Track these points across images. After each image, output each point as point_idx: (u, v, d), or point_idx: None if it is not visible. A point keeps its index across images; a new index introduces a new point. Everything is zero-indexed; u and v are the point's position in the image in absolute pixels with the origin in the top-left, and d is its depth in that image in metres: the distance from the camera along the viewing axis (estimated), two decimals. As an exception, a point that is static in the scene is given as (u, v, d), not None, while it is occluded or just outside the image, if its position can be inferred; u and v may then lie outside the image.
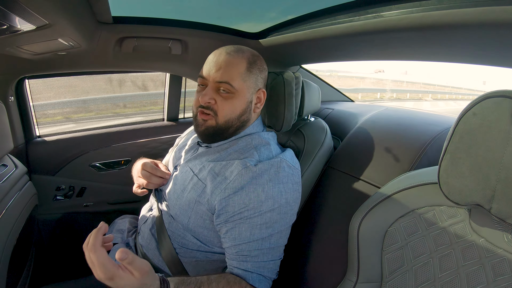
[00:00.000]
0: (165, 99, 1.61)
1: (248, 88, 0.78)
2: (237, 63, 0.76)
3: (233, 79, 0.75)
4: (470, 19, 0.54)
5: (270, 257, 0.72)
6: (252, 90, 0.79)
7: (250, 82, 0.78)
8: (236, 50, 0.78)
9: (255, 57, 0.81)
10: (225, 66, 0.75)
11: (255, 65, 0.79)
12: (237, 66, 0.76)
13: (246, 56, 0.78)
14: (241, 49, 0.79)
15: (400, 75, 31.14)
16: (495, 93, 0.46)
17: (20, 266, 0.98)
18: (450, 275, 0.53)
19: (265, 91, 0.83)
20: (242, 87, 0.77)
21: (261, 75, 0.81)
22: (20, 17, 0.55)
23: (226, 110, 0.77)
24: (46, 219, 1.31)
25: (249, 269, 0.70)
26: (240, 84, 0.76)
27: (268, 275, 0.73)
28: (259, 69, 0.81)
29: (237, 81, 0.76)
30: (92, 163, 1.39)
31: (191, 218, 0.75)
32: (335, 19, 0.86)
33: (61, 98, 3.08)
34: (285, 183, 0.73)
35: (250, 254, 0.70)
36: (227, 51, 0.78)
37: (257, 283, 0.70)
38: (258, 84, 0.81)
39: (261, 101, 0.83)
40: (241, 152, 0.77)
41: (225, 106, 0.76)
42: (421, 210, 0.61)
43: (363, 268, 0.64)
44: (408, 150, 0.84)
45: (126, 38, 1.10)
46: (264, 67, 0.83)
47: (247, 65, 0.77)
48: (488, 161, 0.46)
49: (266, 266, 0.72)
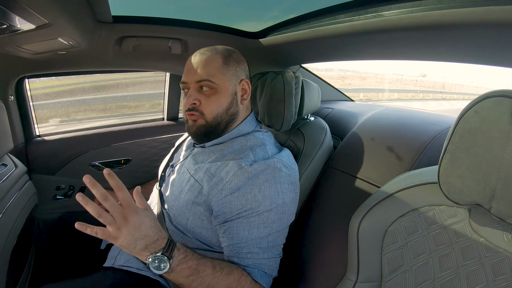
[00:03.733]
0: (165, 98, 1.61)
1: (229, 80, 0.79)
2: (212, 60, 0.78)
3: (212, 75, 0.77)
4: (470, 19, 0.54)
5: (270, 255, 0.72)
6: (234, 81, 0.80)
7: (229, 74, 0.79)
8: (209, 49, 0.80)
9: (230, 51, 0.82)
10: (201, 65, 0.77)
11: (230, 58, 0.80)
12: (213, 62, 0.78)
13: (220, 51, 0.80)
14: (214, 48, 0.81)
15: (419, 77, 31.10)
16: (495, 92, 0.46)
17: (20, 265, 0.98)
18: (449, 274, 0.53)
19: (248, 81, 0.84)
20: (222, 81, 0.78)
21: (239, 66, 0.82)
22: (20, 16, 0.55)
23: (212, 107, 0.78)
24: (46, 218, 1.31)
25: (250, 265, 0.70)
26: (220, 78, 0.77)
27: (269, 272, 0.73)
28: (236, 60, 0.81)
29: (216, 76, 0.77)
30: (92, 162, 1.38)
31: (189, 219, 0.76)
32: (335, 19, 0.86)
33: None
34: (282, 184, 0.72)
35: (250, 251, 0.70)
36: (200, 52, 0.80)
37: (258, 278, 0.70)
38: (239, 75, 0.82)
39: (247, 92, 0.84)
40: (236, 153, 0.77)
41: (210, 103, 0.77)
42: (421, 209, 0.61)
43: (362, 267, 0.64)
44: (408, 150, 0.84)
45: (126, 38, 1.10)
46: (241, 58, 0.84)
47: (222, 59, 0.79)
48: (488, 161, 0.46)
49: (267, 263, 0.72)
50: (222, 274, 0.66)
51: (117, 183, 0.58)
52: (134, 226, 0.57)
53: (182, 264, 0.62)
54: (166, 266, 0.59)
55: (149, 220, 0.60)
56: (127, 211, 0.58)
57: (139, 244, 0.58)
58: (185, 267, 0.62)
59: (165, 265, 0.59)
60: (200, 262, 0.65)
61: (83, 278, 0.80)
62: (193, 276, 0.63)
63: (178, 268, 0.61)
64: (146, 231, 0.59)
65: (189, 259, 0.63)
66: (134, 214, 0.58)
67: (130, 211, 0.58)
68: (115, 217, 0.57)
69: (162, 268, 0.59)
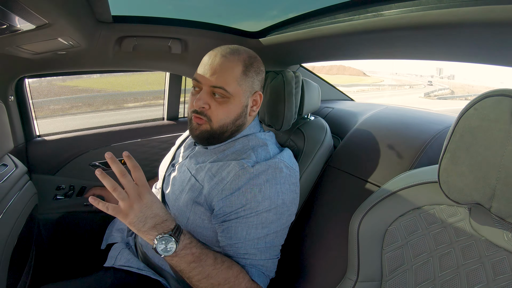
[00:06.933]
0: (165, 98, 1.61)
1: (244, 92, 0.76)
2: (232, 67, 0.73)
3: (228, 84, 0.72)
4: (470, 18, 0.54)
5: (268, 256, 0.72)
6: (248, 93, 0.77)
7: (246, 86, 0.75)
8: (231, 52, 0.75)
9: (252, 59, 0.77)
10: (220, 70, 0.72)
11: (251, 67, 0.76)
12: (232, 70, 0.73)
13: (243, 58, 0.75)
14: (237, 51, 0.76)
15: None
16: (495, 92, 0.46)
17: (20, 265, 0.98)
18: (450, 274, 0.53)
19: (261, 93, 0.81)
20: (237, 91, 0.74)
21: (257, 77, 0.78)
22: (20, 16, 0.55)
23: (221, 115, 0.74)
24: (46, 218, 1.31)
25: (248, 264, 0.70)
26: (236, 89, 0.74)
27: (267, 272, 0.73)
28: (256, 71, 0.77)
29: (232, 86, 0.73)
30: (92, 162, 1.39)
31: (190, 219, 0.76)
32: (335, 18, 0.86)
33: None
34: (282, 184, 0.72)
35: (247, 252, 0.70)
36: (222, 53, 0.74)
37: (256, 277, 0.70)
38: (255, 87, 0.78)
39: (257, 104, 0.81)
40: (238, 153, 0.77)
41: (219, 111, 0.74)
42: (421, 209, 0.61)
43: (363, 267, 0.65)
44: (408, 149, 0.84)
45: (126, 37, 1.10)
46: (262, 69, 0.80)
47: (243, 68, 0.74)
48: (488, 160, 0.46)
49: (265, 264, 0.72)
50: (223, 267, 0.66)
51: (134, 163, 0.62)
52: (146, 204, 0.60)
53: (186, 249, 0.63)
54: (172, 248, 0.61)
55: (159, 202, 0.64)
56: (142, 189, 0.61)
57: (149, 222, 0.60)
58: (188, 253, 0.64)
59: (172, 247, 0.61)
60: (203, 251, 0.66)
61: (84, 278, 0.80)
62: (195, 264, 0.64)
63: (182, 253, 0.63)
64: (157, 210, 0.62)
65: (194, 246, 0.65)
66: (148, 193, 0.62)
67: (145, 190, 0.61)
68: (130, 194, 0.59)
69: (168, 249, 0.61)
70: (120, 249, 0.89)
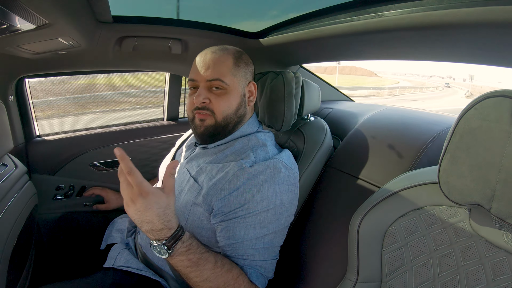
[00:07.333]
0: (165, 98, 1.61)
1: (239, 82, 0.79)
2: (224, 60, 0.78)
3: (224, 75, 0.76)
4: (471, 19, 0.54)
5: (266, 257, 0.72)
6: (243, 83, 0.81)
7: (239, 76, 0.80)
8: (220, 48, 0.80)
9: (240, 52, 0.83)
10: (213, 64, 0.76)
11: (241, 59, 0.81)
12: (224, 62, 0.77)
13: (231, 52, 0.80)
14: (224, 47, 0.81)
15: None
16: (495, 93, 0.46)
17: (20, 265, 0.98)
18: (450, 274, 0.53)
19: (255, 83, 0.84)
20: (233, 81, 0.78)
21: (248, 68, 0.83)
22: (20, 16, 0.55)
23: (223, 107, 0.77)
24: (46, 218, 1.31)
25: (246, 265, 0.70)
26: (231, 79, 0.78)
27: (265, 274, 0.73)
28: (245, 63, 0.82)
29: (227, 77, 0.77)
30: (92, 162, 1.38)
31: (189, 220, 0.76)
32: (336, 19, 0.86)
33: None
34: (281, 184, 0.72)
35: (246, 252, 0.70)
36: (211, 50, 0.79)
37: (254, 279, 0.70)
38: (247, 77, 0.83)
39: (253, 94, 0.84)
40: (237, 153, 0.77)
41: (220, 103, 0.77)
42: (421, 209, 0.61)
43: (363, 267, 0.64)
44: (408, 150, 0.84)
45: (126, 38, 1.10)
46: (250, 61, 0.85)
47: (233, 60, 0.79)
48: (488, 161, 0.46)
49: (263, 265, 0.72)
50: (222, 271, 0.66)
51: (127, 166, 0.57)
52: (139, 209, 0.57)
53: (181, 255, 0.63)
54: (164, 254, 0.61)
55: (157, 208, 0.58)
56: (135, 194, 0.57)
57: (144, 226, 0.60)
58: (184, 259, 0.63)
59: (164, 254, 0.61)
60: (203, 256, 0.65)
61: (83, 278, 0.80)
62: (191, 268, 0.64)
63: (177, 259, 0.63)
64: (151, 217, 0.58)
65: (191, 252, 0.64)
66: (141, 198, 0.57)
67: (137, 195, 0.57)
68: (123, 196, 0.58)
69: (162, 254, 0.61)
70: (119, 249, 0.89)
